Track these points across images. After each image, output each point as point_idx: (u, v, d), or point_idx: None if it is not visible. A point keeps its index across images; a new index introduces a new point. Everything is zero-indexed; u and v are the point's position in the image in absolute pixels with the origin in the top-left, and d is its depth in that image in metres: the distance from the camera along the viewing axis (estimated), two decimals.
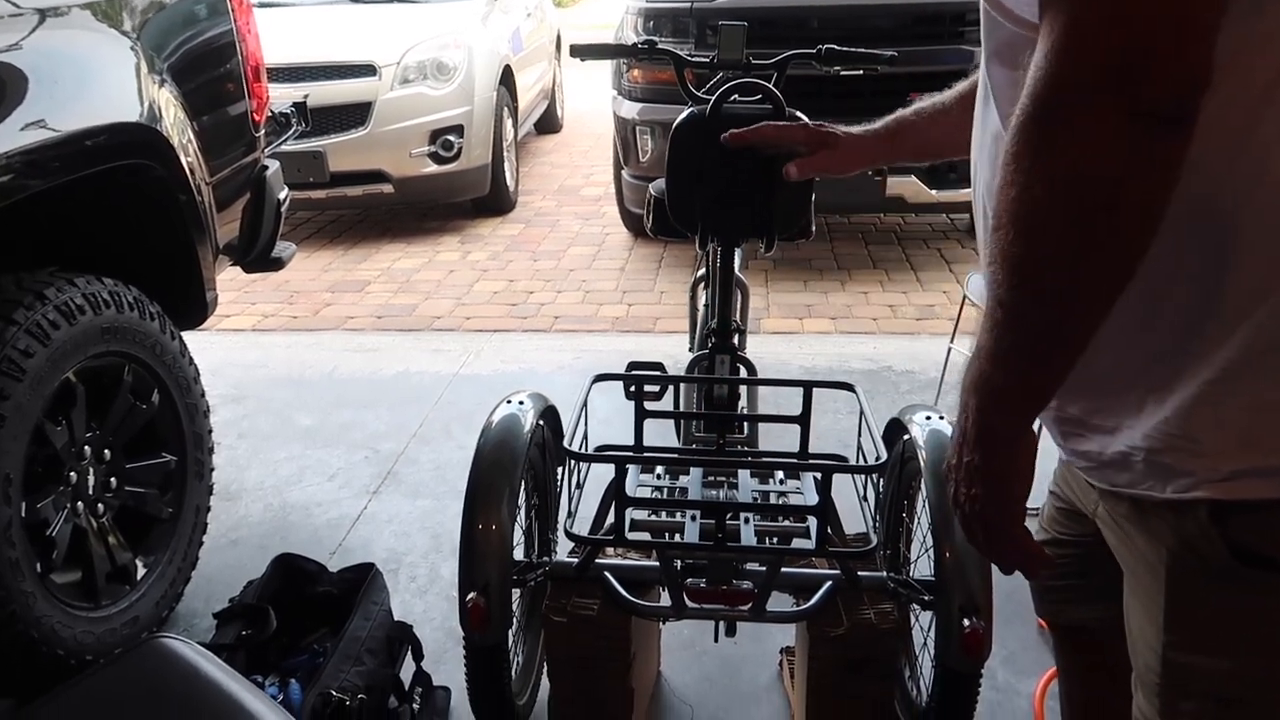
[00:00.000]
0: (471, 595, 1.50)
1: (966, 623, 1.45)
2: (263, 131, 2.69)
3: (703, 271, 2.37)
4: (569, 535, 1.56)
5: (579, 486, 1.75)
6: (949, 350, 3.13)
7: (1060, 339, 0.78)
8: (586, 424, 1.71)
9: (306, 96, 4.28)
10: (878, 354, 3.63)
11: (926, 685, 1.68)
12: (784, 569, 1.60)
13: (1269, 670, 0.86)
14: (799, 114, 1.77)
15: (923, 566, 1.70)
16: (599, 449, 1.79)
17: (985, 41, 0.90)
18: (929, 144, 1.44)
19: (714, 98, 1.77)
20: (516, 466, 1.58)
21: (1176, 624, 0.89)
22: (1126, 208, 0.72)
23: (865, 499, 1.72)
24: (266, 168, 2.69)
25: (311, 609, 2.00)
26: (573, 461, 1.71)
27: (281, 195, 2.76)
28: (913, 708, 1.76)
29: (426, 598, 2.27)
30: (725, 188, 1.75)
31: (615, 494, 1.49)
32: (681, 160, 1.79)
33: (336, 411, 3.24)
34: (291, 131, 3.35)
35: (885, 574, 1.69)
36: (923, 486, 1.60)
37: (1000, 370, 0.81)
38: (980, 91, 0.97)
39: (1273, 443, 0.81)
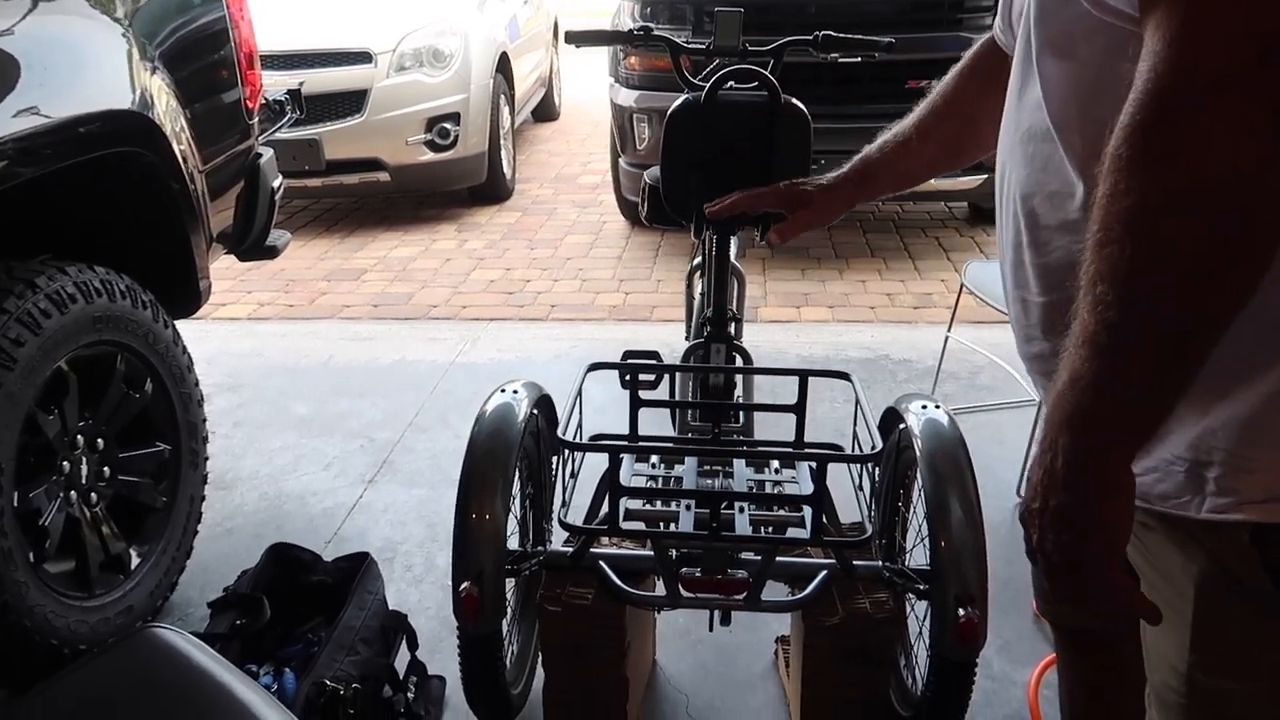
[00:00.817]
0: (465, 584, 1.49)
1: (962, 612, 1.44)
2: (256, 119, 2.67)
3: (699, 260, 2.36)
4: (563, 525, 1.56)
5: (573, 476, 1.74)
6: (946, 339, 3.13)
7: (1181, 365, 0.70)
8: (581, 413, 1.71)
9: (302, 84, 4.26)
10: (875, 342, 3.62)
11: (922, 674, 1.67)
12: (779, 558, 1.59)
13: None
14: (795, 101, 1.76)
15: (918, 556, 1.70)
16: (594, 438, 1.78)
17: (1036, 30, 0.85)
18: (903, 175, 1.42)
19: (709, 84, 1.75)
20: (510, 455, 1.57)
21: (1204, 645, 0.85)
22: (1264, 218, 0.65)
23: (861, 488, 1.72)
24: (260, 155, 2.67)
25: (306, 598, 2.00)
26: (567, 451, 1.70)
27: (275, 183, 2.75)
28: (908, 697, 1.75)
29: (422, 587, 2.27)
30: (720, 175, 1.73)
31: (609, 484, 1.48)
32: (677, 147, 1.78)
33: (332, 400, 3.23)
34: (286, 119, 3.33)
35: (881, 563, 1.68)
36: (918, 476, 1.59)
37: (1106, 403, 0.72)
38: (1014, 85, 0.92)
39: None
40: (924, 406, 1.67)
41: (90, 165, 1.93)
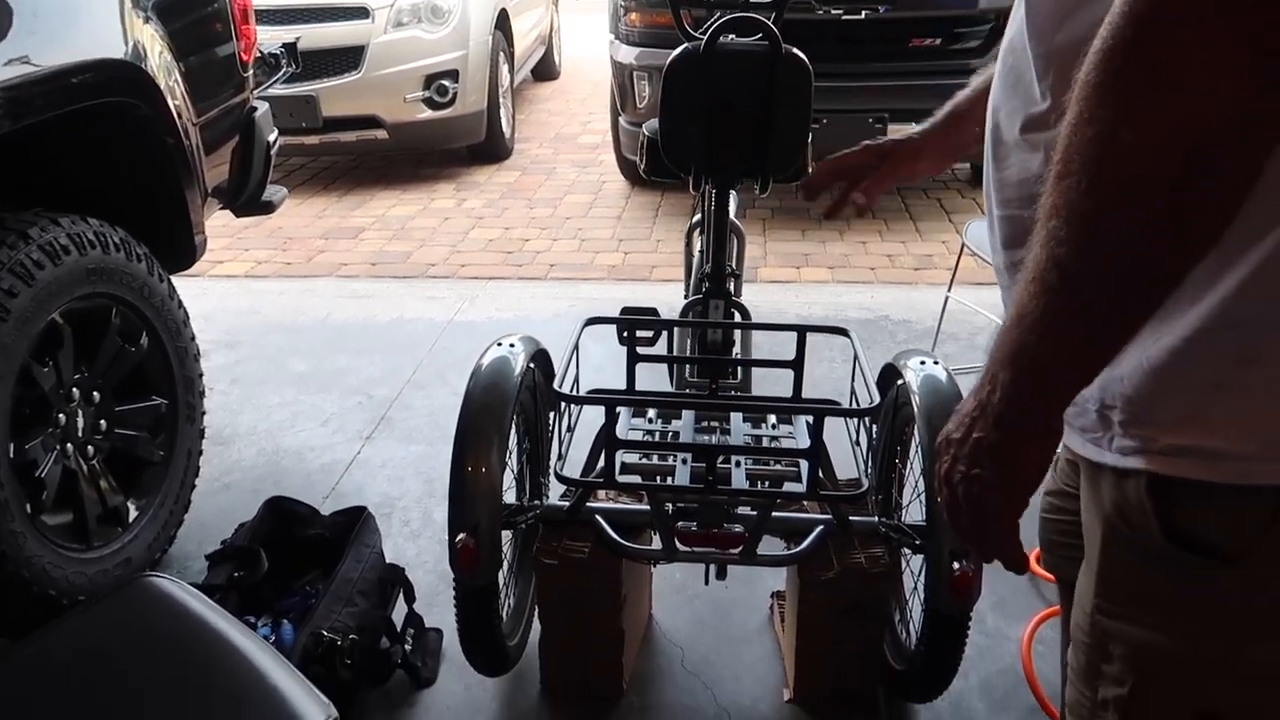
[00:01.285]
0: (461, 536, 1.50)
1: (956, 566, 1.45)
2: (251, 72, 2.64)
3: (698, 217, 2.34)
4: (559, 478, 1.56)
5: (570, 430, 1.74)
6: (946, 299, 3.11)
7: (1129, 313, 0.67)
8: (578, 367, 1.70)
9: (298, 39, 4.21)
10: (875, 303, 3.61)
11: (916, 629, 1.68)
12: (775, 513, 1.60)
13: (1191, 652, 0.81)
14: (796, 51, 1.73)
15: (914, 512, 1.70)
16: (591, 393, 1.78)
17: None
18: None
19: (708, 34, 1.73)
20: (506, 409, 1.57)
21: (1106, 589, 0.85)
22: (1238, 169, 0.60)
23: (858, 444, 1.71)
24: (255, 109, 2.64)
25: (303, 552, 2.00)
26: (564, 404, 1.70)
27: (271, 138, 2.72)
28: (902, 651, 1.77)
29: (419, 542, 2.28)
30: (719, 127, 1.71)
31: (605, 436, 1.48)
32: (675, 98, 1.76)
33: (330, 357, 3.22)
34: (281, 73, 3.29)
35: (877, 519, 1.69)
36: (916, 432, 1.59)
37: (1049, 344, 0.69)
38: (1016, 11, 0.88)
39: (1219, 423, 0.75)
40: (922, 363, 1.67)
41: (83, 117, 1.91)
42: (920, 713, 1.78)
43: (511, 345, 1.70)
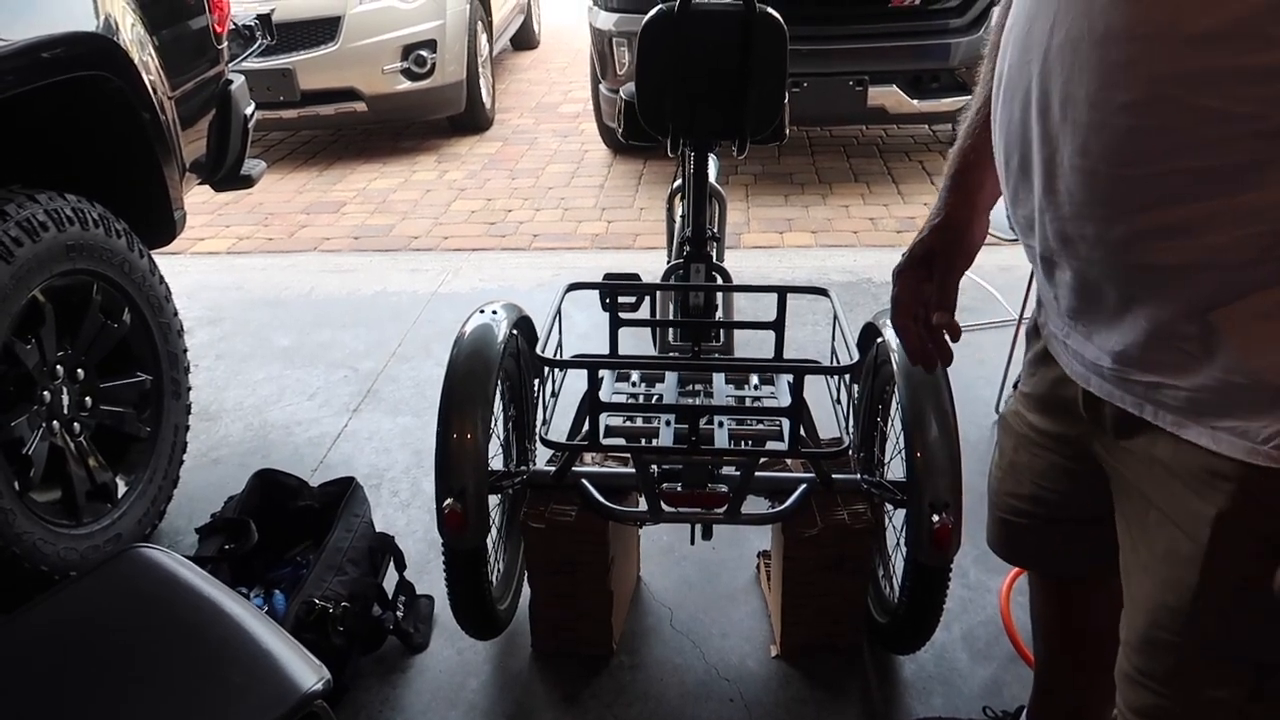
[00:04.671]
0: (448, 500, 1.51)
1: (937, 518, 1.47)
2: (225, 45, 2.61)
3: (679, 182, 2.34)
4: (544, 441, 1.57)
5: (554, 395, 1.75)
6: None
7: None
8: (561, 334, 1.71)
9: (272, 10, 4.16)
10: (857, 266, 3.62)
11: (899, 582, 1.71)
12: (759, 473, 1.62)
13: None
14: (771, 10, 1.73)
15: (895, 470, 1.72)
16: (574, 357, 1.79)
17: None
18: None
19: None
20: (490, 374, 1.58)
21: (1216, 584, 0.82)
22: None
23: (839, 402, 1.73)
24: (231, 82, 2.62)
25: (293, 523, 2.02)
26: (547, 369, 1.71)
27: (248, 110, 2.70)
28: (885, 604, 1.80)
29: (409, 511, 2.29)
30: (695, 89, 1.71)
31: (589, 399, 1.49)
32: (650, 60, 1.76)
33: (315, 331, 3.22)
34: (257, 45, 3.27)
35: (859, 476, 1.71)
36: (896, 389, 1.61)
37: None
38: None
39: None
40: None
41: (58, 92, 1.89)
42: (904, 664, 1.82)
43: (494, 312, 1.71)
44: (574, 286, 1.77)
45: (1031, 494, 1.15)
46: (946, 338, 1.14)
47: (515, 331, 1.72)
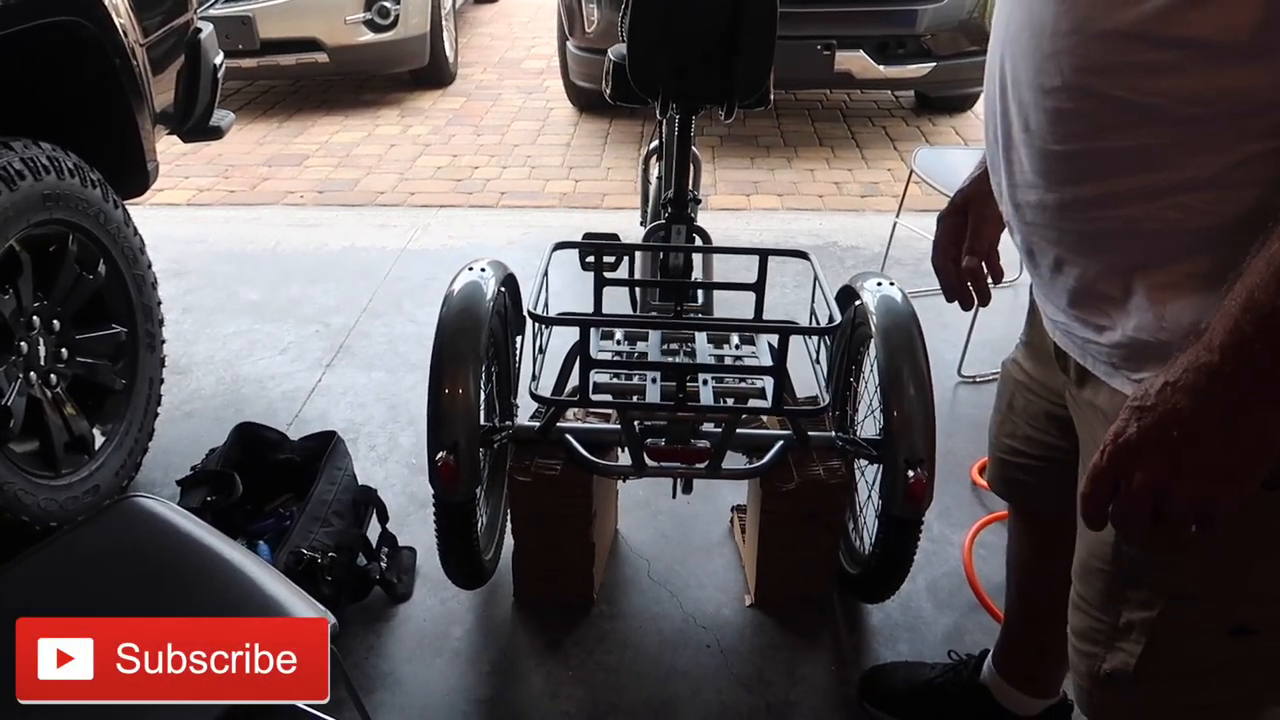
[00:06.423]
0: (441, 455, 1.54)
1: (911, 473, 1.54)
2: None
3: (655, 143, 2.36)
4: (534, 397, 1.60)
5: (541, 351, 1.78)
6: (895, 225, 3.20)
7: None
8: (547, 291, 1.74)
9: None
10: (823, 229, 3.68)
11: (870, 535, 1.79)
12: (739, 430, 1.67)
13: (1229, 573, 0.87)
14: None
15: (868, 429, 1.79)
16: (563, 314, 1.82)
17: None
18: None
19: None
20: (481, 330, 1.61)
21: None
22: None
23: (817, 363, 1.79)
24: (200, 30, 2.57)
25: (274, 476, 2.03)
26: (536, 325, 1.74)
27: (217, 60, 2.65)
28: (856, 556, 1.87)
29: (387, 465, 2.32)
30: (687, 51, 1.73)
31: (580, 355, 1.52)
32: (643, 21, 1.76)
33: (283, 286, 3.20)
34: None
35: (834, 434, 1.77)
36: (872, 349, 1.67)
37: None
38: None
39: None
40: (879, 284, 1.74)
41: (30, 38, 1.85)
42: (873, 613, 1.90)
43: (483, 270, 1.73)
44: (561, 245, 1.79)
45: (1025, 435, 1.24)
46: (989, 280, 1.23)
47: (502, 289, 1.74)
